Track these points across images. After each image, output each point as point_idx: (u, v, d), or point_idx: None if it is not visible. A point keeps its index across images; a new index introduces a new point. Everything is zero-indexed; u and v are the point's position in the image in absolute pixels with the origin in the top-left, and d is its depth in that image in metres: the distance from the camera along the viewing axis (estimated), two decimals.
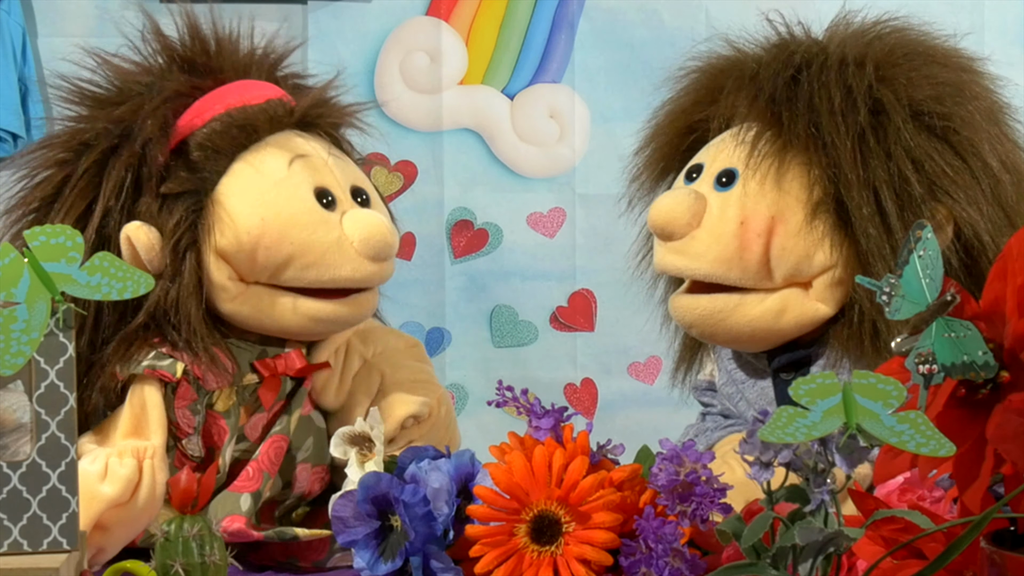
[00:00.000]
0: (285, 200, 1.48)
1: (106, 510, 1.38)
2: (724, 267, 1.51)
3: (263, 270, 1.48)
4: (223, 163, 1.49)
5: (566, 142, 2.94)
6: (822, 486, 0.99)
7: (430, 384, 1.59)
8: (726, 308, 1.52)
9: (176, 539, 1.21)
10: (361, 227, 1.49)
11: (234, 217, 1.47)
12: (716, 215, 1.51)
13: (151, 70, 1.54)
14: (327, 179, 1.52)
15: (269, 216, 1.47)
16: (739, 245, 1.50)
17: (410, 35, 2.91)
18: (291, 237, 1.47)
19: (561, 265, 2.94)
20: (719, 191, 1.53)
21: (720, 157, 1.55)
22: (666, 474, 1.15)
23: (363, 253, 1.49)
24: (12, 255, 1.20)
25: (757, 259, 1.49)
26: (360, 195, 1.54)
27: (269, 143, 1.51)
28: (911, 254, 1.09)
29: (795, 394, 0.97)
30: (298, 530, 1.45)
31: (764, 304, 1.51)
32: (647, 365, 2.94)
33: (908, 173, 1.46)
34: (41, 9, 2.81)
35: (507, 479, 1.20)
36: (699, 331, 1.56)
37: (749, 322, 1.51)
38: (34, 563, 1.18)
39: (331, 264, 1.48)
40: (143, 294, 1.40)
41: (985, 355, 1.04)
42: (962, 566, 1.04)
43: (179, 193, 1.47)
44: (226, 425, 1.49)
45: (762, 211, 1.50)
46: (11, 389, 1.21)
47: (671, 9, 2.91)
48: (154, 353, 1.46)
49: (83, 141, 1.49)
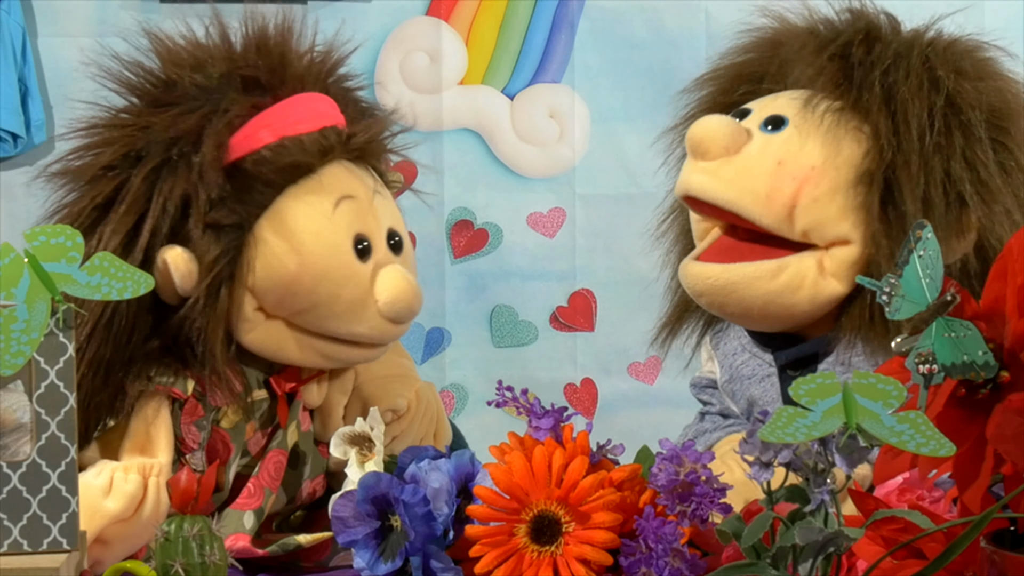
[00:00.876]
0: (324, 249, 1.45)
1: (108, 525, 1.37)
2: (749, 198, 1.49)
3: (287, 310, 1.47)
4: (270, 196, 1.45)
5: (566, 142, 2.94)
6: (822, 486, 0.99)
7: (406, 378, 1.58)
8: (741, 280, 1.49)
9: (176, 539, 1.21)
10: (390, 290, 1.47)
11: (272, 259, 1.44)
12: (756, 149, 1.50)
13: (207, 70, 1.47)
14: (368, 225, 1.49)
15: (306, 264, 1.45)
16: (770, 183, 1.48)
17: (410, 35, 2.91)
18: (321, 288, 1.45)
19: (561, 265, 2.94)
20: (765, 132, 1.51)
21: (772, 105, 1.54)
22: (666, 474, 1.15)
23: (385, 315, 1.47)
24: (12, 255, 1.20)
25: (784, 201, 1.47)
26: (393, 238, 1.52)
27: (319, 181, 1.46)
28: (911, 254, 1.09)
29: (795, 394, 0.97)
30: (300, 538, 1.45)
31: (779, 279, 1.49)
32: (647, 365, 2.94)
33: (963, 173, 1.45)
34: (41, 9, 2.81)
35: (507, 479, 1.20)
36: (709, 300, 1.53)
37: (762, 295, 1.49)
38: (34, 563, 1.18)
39: (351, 320, 1.47)
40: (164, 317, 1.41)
41: (985, 355, 1.04)
42: (962, 566, 1.04)
43: (228, 225, 1.44)
44: (231, 442, 1.48)
45: (804, 159, 1.48)
46: (11, 389, 1.21)
47: (671, 9, 2.91)
48: (165, 369, 1.45)
49: (136, 149, 1.43)
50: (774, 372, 1.56)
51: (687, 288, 1.55)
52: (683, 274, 1.55)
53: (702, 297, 1.53)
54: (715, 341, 1.64)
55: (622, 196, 2.87)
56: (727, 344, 1.62)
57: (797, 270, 1.49)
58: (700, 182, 1.51)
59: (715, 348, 1.64)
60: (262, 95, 1.47)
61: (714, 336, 1.65)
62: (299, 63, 1.52)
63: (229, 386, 1.45)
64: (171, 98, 1.46)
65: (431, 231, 2.92)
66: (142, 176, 1.42)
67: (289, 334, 1.48)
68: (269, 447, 1.50)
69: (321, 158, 1.47)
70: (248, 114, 1.46)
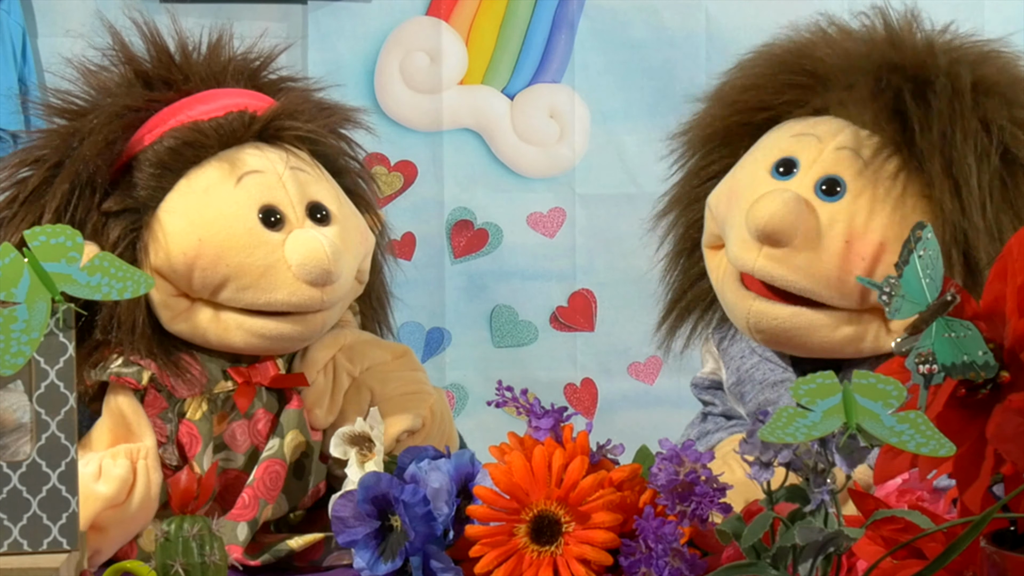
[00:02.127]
0: (224, 220, 1.46)
1: (102, 510, 1.37)
2: (822, 285, 1.43)
3: (202, 289, 1.46)
4: (169, 180, 1.47)
5: (566, 142, 2.93)
6: (822, 486, 0.99)
7: (421, 394, 1.56)
8: (808, 327, 1.45)
9: (176, 539, 1.21)
10: (299, 251, 1.45)
11: (171, 236, 1.45)
12: (822, 229, 1.43)
13: (107, 81, 1.52)
14: (277, 196, 1.48)
15: (206, 237, 1.45)
16: (841, 266, 1.42)
17: (410, 35, 2.91)
18: (227, 259, 1.44)
19: (561, 265, 2.94)
20: (823, 200, 1.45)
21: (821, 160, 1.47)
22: (666, 474, 1.15)
23: (300, 277, 1.45)
24: (12, 255, 1.20)
25: (856, 284, 1.42)
26: (319, 211, 1.50)
27: (220, 159, 1.48)
28: (911, 254, 1.09)
29: (795, 394, 0.97)
30: (291, 543, 1.45)
31: (843, 331, 1.45)
32: (647, 365, 2.93)
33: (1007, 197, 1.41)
34: (41, 9, 2.81)
35: (507, 479, 1.20)
36: (767, 338, 1.48)
37: (821, 342, 1.45)
38: (34, 563, 1.18)
39: (266, 287, 1.45)
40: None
41: (985, 355, 1.04)
42: (962, 566, 1.04)
43: (120, 211, 1.46)
44: (198, 433, 1.48)
45: (871, 235, 1.42)
46: (11, 389, 1.21)
47: (671, 9, 2.91)
48: (121, 360, 1.45)
49: (37, 157, 1.47)
50: (790, 377, 1.52)
51: (744, 321, 1.49)
52: (742, 307, 1.49)
53: (761, 334, 1.48)
54: (720, 343, 1.61)
55: (622, 196, 2.87)
56: (734, 346, 1.59)
57: (864, 326, 1.45)
58: (769, 269, 1.44)
59: (720, 350, 1.61)
60: (163, 91, 1.51)
61: (719, 337, 1.62)
62: (210, 62, 1.54)
63: (187, 375, 1.46)
64: (80, 111, 1.50)
65: (431, 231, 2.92)
66: (37, 181, 1.46)
67: (216, 317, 1.47)
68: (263, 456, 1.49)
69: (222, 140, 1.49)
70: (146, 107, 1.49)
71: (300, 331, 1.49)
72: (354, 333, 1.58)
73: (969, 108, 1.43)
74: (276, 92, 1.57)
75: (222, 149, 1.49)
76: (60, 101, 1.52)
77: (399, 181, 2.91)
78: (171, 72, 1.52)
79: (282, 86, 1.59)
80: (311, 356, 1.53)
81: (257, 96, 1.54)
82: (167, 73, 1.52)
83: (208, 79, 1.53)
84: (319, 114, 1.58)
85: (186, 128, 1.48)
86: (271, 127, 1.52)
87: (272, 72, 1.60)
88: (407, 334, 2.91)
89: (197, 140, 1.48)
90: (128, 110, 1.48)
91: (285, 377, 1.51)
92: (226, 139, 1.49)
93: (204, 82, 1.53)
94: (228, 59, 1.56)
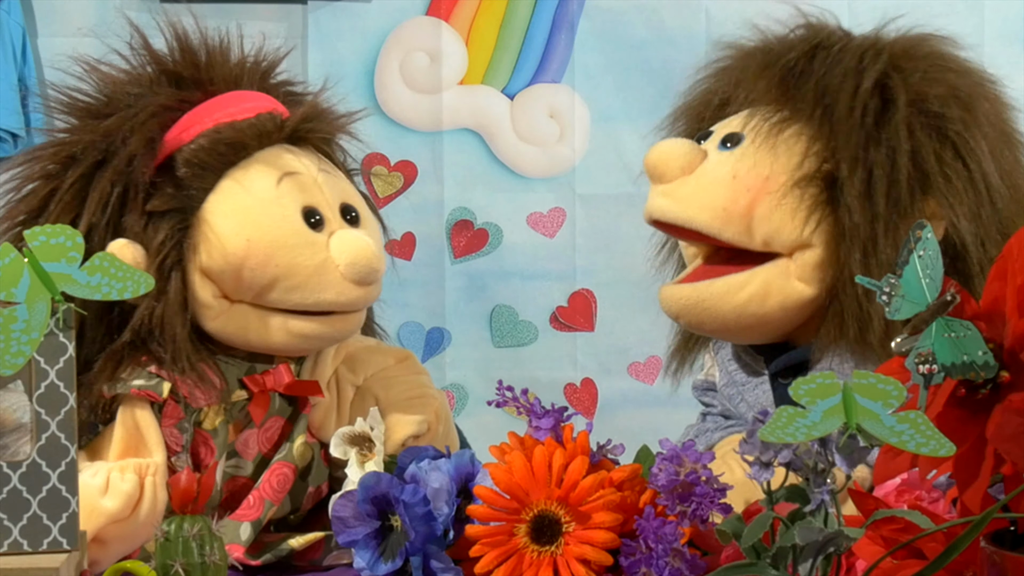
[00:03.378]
0: (272, 221, 1.46)
1: (106, 525, 1.37)
2: (708, 214, 1.51)
3: (248, 290, 1.46)
4: (210, 180, 1.47)
5: (566, 142, 2.94)
6: (822, 486, 0.99)
7: (426, 398, 1.56)
8: (710, 296, 1.52)
9: (176, 539, 1.21)
10: (348, 251, 1.47)
11: (220, 237, 1.45)
12: (711, 166, 1.53)
13: (140, 80, 1.52)
14: (316, 198, 1.49)
15: (255, 237, 1.45)
16: (727, 196, 1.51)
17: (410, 35, 2.91)
18: (276, 259, 1.45)
19: (561, 265, 2.94)
20: (721, 150, 1.55)
21: (731, 124, 1.57)
22: (666, 474, 1.15)
23: (348, 277, 1.47)
24: (12, 255, 1.20)
25: (741, 213, 1.50)
26: (349, 212, 1.52)
27: (258, 160, 1.49)
28: (911, 254, 1.09)
29: (795, 394, 0.97)
30: (292, 542, 1.45)
31: (747, 290, 1.51)
32: (647, 365, 2.94)
33: (903, 164, 1.47)
34: (41, 9, 2.82)
35: (507, 479, 1.20)
36: (686, 320, 1.56)
37: (734, 308, 1.51)
38: (34, 563, 1.18)
39: (316, 287, 1.47)
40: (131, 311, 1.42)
41: (985, 355, 1.04)
42: (962, 566, 1.04)
43: (165, 211, 1.46)
44: (214, 444, 1.48)
45: (757, 170, 1.51)
46: (11, 389, 1.21)
47: (671, 9, 2.91)
48: (141, 372, 1.45)
49: (70, 154, 1.47)
50: (766, 381, 1.57)
51: (665, 311, 1.58)
52: (660, 299, 1.58)
53: (679, 318, 1.56)
54: (715, 346, 1.66)
55: (622, 196, 2.87)
56: (724, 350, 1.64)
57: (763, 280, 1.51)
58: (660, 205, 1.55)
59: (715, 353, 1.66)
60: (191, 91, 1.51)
61: (715, 342, 1.67)
62: (229, 65, 1.55)
63: (208, 384, 1.46)
64: (107, 111, 1.49)
65: (431, 231, 2.92)
66: (74, 179, 1.45)
67: (255, 317, 1.47)
68: (274, 458, 1.50)
69: (258, 140, 1.49)
70: (178, 107, 1.49)
71: (339, 331, 1.51)
72: (356, 340, 1.58)
73: (851, 57, 1.52)
74: (280, 95, 1.57)
75: (258, 150, 1.50)
76: (84, 98, 1.51)
77: (399, 181, 2.91)
78: (199, 72, 1.53)
79: (284, 89, 1.60)
80: (320, 370, 1.54)
81: (270, 99, 1.55)
82: (196, 73, 1.53)
83: (229, 80, 1.53)
84: (338, 119, 1.60)
85: (224, 127, 1.48)
86: (300, 130, 1.53)
87: (274, 75, 1.61)
88: (407, 334, 2.91)
89: (238, 140, 1.48)
90: (164, 109, 1.49)
91: (299, 384, 1.52)
92: (262, 140, 1.50)
93: (226, 84, 1.53)
94: (242, 61, 1.57)
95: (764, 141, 1.52)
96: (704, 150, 1.55)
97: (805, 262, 1.50)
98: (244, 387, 1.50)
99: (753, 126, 1.54)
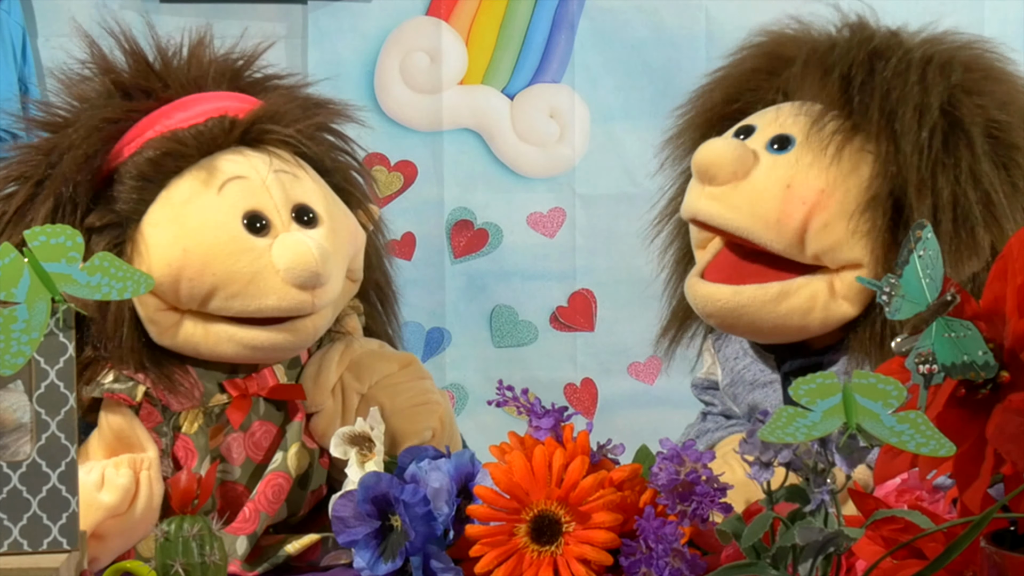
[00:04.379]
0: (209, 229, 1.44)
1: (104, 519, 1.37)
2: (760, 225, 1.47)
3: (190, 300, 1.44)
4: (150, 192, 1.45)
5: (566, 142, 2.94)
6: (822, 486, 0.99)
7: (430, 404, 1.54)
8: (751, 303, 1.48)
9: (176, 539, 1.21)
10: (286, 254, 1.43)
11: (155, 249, 1.43)
12: (764, 172, 1.48)
13: (90, 93, 1.50)
14: (262, 202, 1.46)
15: (191, 246, 1.43)
16: (780, 207, 1.46)
17: (410, 35, 2.91)
18: (213, 267, 1.43)
19: (561, 265, 2.94)
20: (771, 153, 1.50)
21: (776, 123, 1.53)
22: (666, 474, 1.15)
23: (288, 281, 1.43)
24: (12, 255, 1.20)
25: (795, 227, 1.46)
26: (306, 214, 1.48)
27: (201, 167, 1.46)
28: (911, 254, 1.09)
29: (795, 394, 0.97)
30: (288, 548, 1.44)
31: (791, 302, 1.48)
32: (647, 365, 2.94)
33: (970, 192, 1.44)
34: (41, 9, 2.81)
35: (507, 479, 1.20)
36: (718, 322, 1.52)
37: (774, 318, 1.48)
38: (34, 563, 1.18)
39: (255, 294, 1.43)
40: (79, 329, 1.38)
41: (985, 355, 1.04)
42: (962, 566, 1.04)
43: (103, 226, 1.44)
44: (194, 447, 1.47)
45: (812, 181, 1.47)
46: (11, 389, 1.21)
47: (671, 9, 2.91)
48: (115, 375, 1.44)
49: (21, 173, 1.46)
50: (777, 379, 1.55)
51: (695, 308, 1.54)
52: (691, 294, 1.53)
53: (711, 318, 1.52)
54: (717, 344, 1.64)
55: (622, 196, 2.87)
56: (728, 348, 1.61)
57: (809, 294, 1.48)
58: (709, 208, 1.50)
59: (716, 351, 1.63)
60: (141, 100, 1.49)
61: (715, 339, 1.65)
62: (189, 68, 1.52)
63: (181, 389, 1.45)
64: (61, 124, 1.48)
65: (431, 231, 2.92)
66: (21, 199, 1.44)
67: (204, 329, 1.45)
68: (268, 469, 1.49)
69: (201, 148, 1.47)
70: (125, 117, 1.47)
71: (291, 340, 1.47)
72: (360, 346, 1.56)
73: (914, 73, 1.48)
74: (260, 92, 1.55)
75: (203, 157, 1.47)
76: (43, 114, 1.50)
77: (399, 181, 2.91)
78: (149, 80, 1.50)
79: (267, 84, 1.57)
80: (323, 379, 1.52)
81: (240, 98, 1.52)
82: (145, 81, 1.50)
83: (188, 84, 1.51)
84: (305, 113, 1.55)
85: (165, 138, 1.46)
86: (253, 131, 1.50)
87: (257, 71, 1.58)
88: (407, 334, 2.90)
89: (176, 150, 1.45)
90: (107, 122, 1.46)
91: (284, 388, 1.50)
92: (206, 146, 1.47)
93: (184, 87, 1.50)
94: (209, 61, 1.54)
95: (822, 151, 1.47)
96: (754, 152, 1.50)
97: (852, 282, 1.46)
98: (224, 390, 1.49)
99: (808, 131, 1.49)
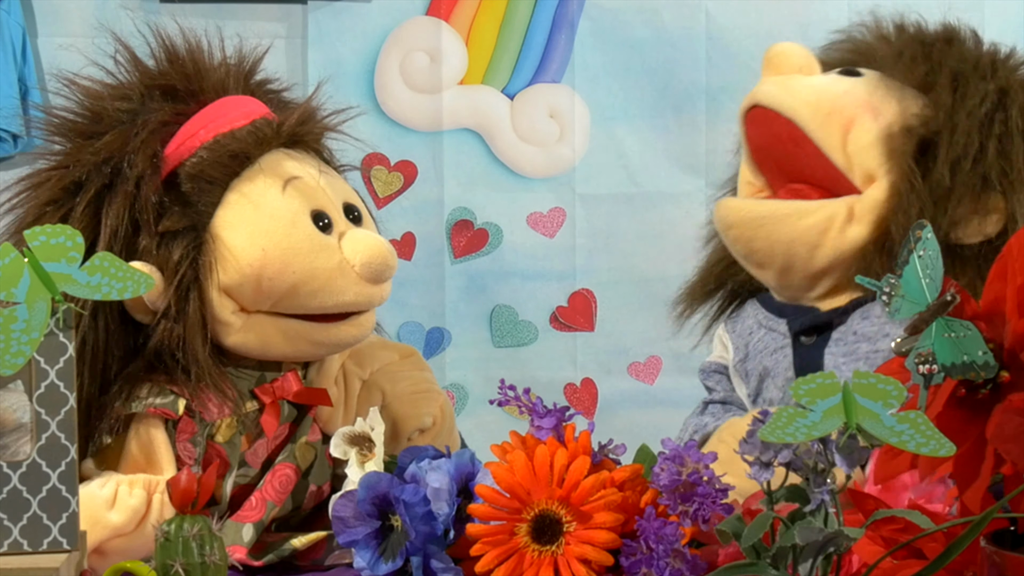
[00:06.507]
0: (283, 229, 1.46)
1: (110, 538, 1.37)
2: (811, 110, 1.58)
3: (266, 300, 1.46)
4: (217, 194, 1.46)
5: (566, 142, 2.94)
6: (822, 486, 0.99)
7: (431, 393, 1.57)
8: (772, 215, 1.58)
9: (176, 539, 1.21)
10: (362, 250, 1.47)
11: (234, 252, 1.45)
12: (828, 79, 1.62)
13: (128, 94, 1.50)
14: (321, 201, 1.49)
15: (269, 246, 1.45)
16: (834, 104, 1.58)
17: (410, 35, 2.91)
18: (293, 266, 1.45)
19: (561, 265, 2.94)
20: (841, 76, 1.63)
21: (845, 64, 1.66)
22: (668, 474, 1.15)
23: (364, 276, 1.47)
24: (12, 255, 1.20)
25: (842, 123, 1.57)
26: (352, 212, 1.52)
27: (260, 168, 1.48)
28: (911, 254, 1.09)
29: (795, 394, 0.97)
30: (295, 542, 1.45)
31: (811, 219, 1.56)
32: (647, 365, 2.94)
33: (996, 158, 1.53)
34: (41, 9, 2.82)
35: (508, 478, 1.20)
36: (737, 233, 1.60)
37: (789, 232, 1.57)
38: (34, 563, 1.18)
39: (335, 290, 1.46)
40: (146, 335, 1.42)
41: (985, 355, 1.04)
42: (962, 566, 1.04)
43: (177, 230, 1.45)
44: (227, 456, 1.48)
45: (869, 97, 1.58)
46: (11, 389, 1.21)
47: (671, 9, 2.91)
48: (155, 389, 1.45)
49: (75, 180, 1.45)
50: (787, 344, 1.60)
51: (718, 221, 1.63)
52: (717, 207, 1.63)
53: (732, 229, 1.61)
54: (730, 325, 1.69)
55: (622, 196, 2.87)
56: (742, 324, 1.67)
57: (829, 213, 1.56)
58: (768, 90, 1.61)
59: (730, 332, 1.69)
60: (185, 103, 1.50)
61: (729, 321, 1.71)
62: (216, 70, 1.53)
63: (222, 397, 1.45)
64: (100, 128, 1.48)
65: (431, 231, 2.92)
66: (84, 204, 1.44)
67: (273, 327, 1.47)
68: (276, 460, 1.50)
69: (257, 147, 1.48)
70: (174, 120, 1.48)
71: (357, 334, 1.51)
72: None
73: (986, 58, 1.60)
74: (262, 97, 1.56)
75: (259, 157, 1.49)
76: (71, 116, 1.49)
77: (399, 181, 2.91)
78: (190, 82, 1.51)
79: (264, 89, 1.58)
80: (327, 368, 1.54)
81: (259, 103, 1.54)
82: (186, 84, 1.51)
83: (217, 87, 1.52)
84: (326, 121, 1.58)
85: (225, 138, 1.47)
86: (297, 133, 1.53)
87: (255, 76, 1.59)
88: (407, 334, 2.91)
89: (239, 149, 1.47)
90: (161, 125, 1.47)
91: (308, 392, 1.51)
92: (262, 146, 1.49)
93: (215, 91, 1.52)
94: (225, 65, 1.55)
95: (884, 83, 1.59)
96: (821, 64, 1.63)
97: (869, 200, 1.54)
98: (254, 397, 1.50)
99: (878, 74, 1.60)
